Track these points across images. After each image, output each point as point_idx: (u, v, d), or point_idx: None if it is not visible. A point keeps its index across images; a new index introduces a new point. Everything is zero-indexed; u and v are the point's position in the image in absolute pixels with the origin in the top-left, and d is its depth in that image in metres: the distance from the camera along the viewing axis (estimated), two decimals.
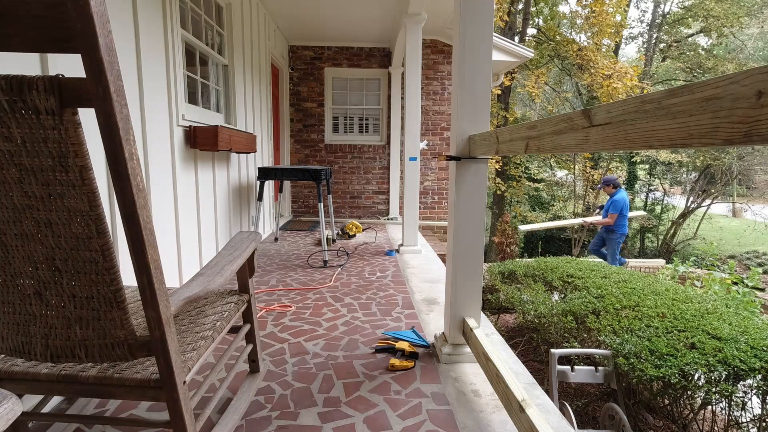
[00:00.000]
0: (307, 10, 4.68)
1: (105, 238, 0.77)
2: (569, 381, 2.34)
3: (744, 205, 15.49)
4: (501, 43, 5.41)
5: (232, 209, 3.50)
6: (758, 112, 0.45)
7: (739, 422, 2.15)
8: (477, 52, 1.65)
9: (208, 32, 3.21)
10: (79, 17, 0.62)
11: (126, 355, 0.87)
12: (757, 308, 3.80)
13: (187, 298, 0.96)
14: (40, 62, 1.42)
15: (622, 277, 3.44)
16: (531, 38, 13.74)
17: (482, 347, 1.54)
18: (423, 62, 5.29)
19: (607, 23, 9.86)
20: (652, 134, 0.62)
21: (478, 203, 1.74)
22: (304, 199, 6.36)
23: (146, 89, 2.07)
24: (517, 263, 4.33)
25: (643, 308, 2.64)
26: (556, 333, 2.84)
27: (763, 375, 2.01)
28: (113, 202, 1.80)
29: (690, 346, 2.20)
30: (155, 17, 2.20)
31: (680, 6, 15.63)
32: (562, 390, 2.87)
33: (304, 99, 6.20)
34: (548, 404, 1.51)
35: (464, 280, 1.78)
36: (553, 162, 14.28)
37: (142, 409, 1.43)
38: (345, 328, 2.17)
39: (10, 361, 0.99)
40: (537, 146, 1.03)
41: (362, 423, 1.38)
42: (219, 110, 3.45)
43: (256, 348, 1.56)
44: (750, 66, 1.81)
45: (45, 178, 0.73)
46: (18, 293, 0.84)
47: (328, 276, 3.11)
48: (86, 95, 0.67)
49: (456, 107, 1.72)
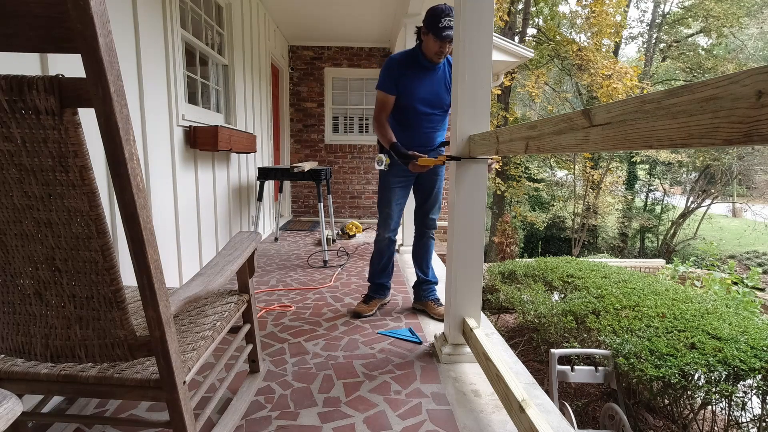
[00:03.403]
0: (307, 10, 4.68)
1: (105, 238, 0.77)
2: (569, 381, 2.34)
3: (744, 205, 15.49)
4: (501, 43, 5.41)
5: (232, 209, 3.50)
6: (758, 112, 0.45)
7: (739, 422, 2.16)
8: (477, 52, 1.65)
9: (208, 32, 3.21)
10: (79, 17, 0.62)
11: (126, 355, 0.87)
12: (757, 308, 3.80)
13: (187, 298, 0.96)
14: (40, 62, 1.42)
15: (622, 277, 3.44)
16: (531, 38, 13.74)
17: (482, 347, 1.54)
18: None
19: (607, 23, 9.87)
20: (652, 134, 0.62)
21: (478, 203, 1.74)
22: (304, 199, 6.36)
23: (146, 89, 2.07)
24: (517, 263, 4.34)
25: (643, 308, 2.64)
26: (556, 333, 2.84)
27: (763, 375, 2.01)
28: (113, 202, 1.80)
29: (690, 346, 2.20)
30: (155, 17, 2.20)
31: (680, 6, 15.64)
32: (562, 390, 2.87)
33: (304, 99, 6.20)
34: (548, 404, 1.51)
35: (464, 280, 1.78)
36: (553, 162, 14.28)
37: (142, 409, 1.43)
38: (345, 327, 2.17)
39: (10, 361, 0.99)
40: (537, 146, 1.03)
41: (362, 423, 1.38)
42: (219, 110, 3.45)
43: (256, 348, 1.56)
44: (750, 66, 1.81)
45: (45, 178, 0.73)
46: (18, 293, 0.84)
47: (328, 276, 3.11)
48: (86, 95, 0.67)
49: (456, 107, 1.72)
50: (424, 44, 2.12)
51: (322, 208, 3.72)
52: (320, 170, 3.71)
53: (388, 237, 2.35)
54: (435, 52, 2.08)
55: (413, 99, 2.20)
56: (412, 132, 2.27)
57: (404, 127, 2.27)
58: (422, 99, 2.21)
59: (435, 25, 2.01)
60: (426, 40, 2.09)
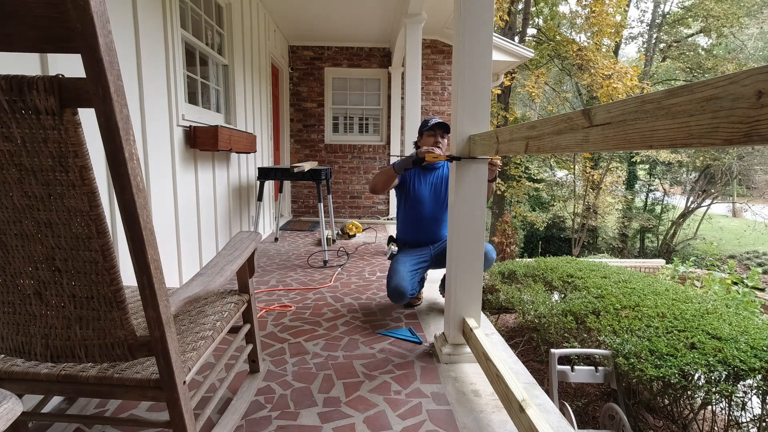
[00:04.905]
0: (307, 10, 4.68)
1: (105, 238, 0.77)
2: (569, 381, 2.34)
3: (744, 205, 15.50)
4: (501, 43, 5.41)
5: (232, 209, 3.51)
6: (758, 112, 0.45)
7: (739, 422, 2.15)
8: (477, 52, 1.65)
9: (208, 32, 3.21)
10: (79, 17, 0.62)
11: (126, 355, 0.87)
12: (757, 308, 3.80)
13: (187, 298, 0.96)
14: (40, 62, 1.42)
15: (622, 277, 3.44)
16: (531, 38, 13.74)
17: (482, 347, 1.54)
18: (423, 62, 5.30)
19: (607, 23, 9.87)
20: (652, 134, 0.62)
21: (478, 203, 1.74)
22: (304, 199, 6.36)
23: (146, 89, 2.07)
24: (517, 263, 4.34)
25: (643, 308, 2.64)
26: (556, 333, 2.84)
27: (763, 375, 2.01)
28: (113, 202, 1.80)
29: (690, 346, 2.20)
30: (155, 17, 2.20)
31: (680, 6, 15.64)
32: (562, 390, 2.87)
33: (304, 99, 6.20)
34: (548, 404, 1.51)
35: (464, 280, 1.78)
36: (553, 162, 14.28)
37: (142, 409, 1.43)
38: (345, 328, 2.17)
39: (10, 361, 0.99)
40: (537, 146, 1.03)
41: (362, 423, 1.38)
42: (219, 110, 3.45)
43: (256, 348, 1.56)
44: (750, 66, 1.81)
45: (45, 178, 0.73)
46: (18, 293, 0.84)
47: (328, 276, 3.11)
48: (86, 95, 0.67)
49: (456, 107, 1.72)
50: (422, 147, 2.35)
51: (322, 208, 3.72)
52: (320, 170, 3.71)
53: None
54: (431, 144, 2.34)
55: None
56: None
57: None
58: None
59: (423, 126, 2.41)
60: (422, 143, 2.40)
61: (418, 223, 2.50)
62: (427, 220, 2.48)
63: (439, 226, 2.52)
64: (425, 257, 2.46)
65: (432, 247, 2.50)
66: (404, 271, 2.29)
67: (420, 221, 2.49)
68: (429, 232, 2.51)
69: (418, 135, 2.47)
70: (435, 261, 2.48)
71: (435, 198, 2.48)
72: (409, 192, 2.49)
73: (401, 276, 2.25)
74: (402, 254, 2.46)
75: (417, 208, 2.47)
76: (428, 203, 2.47)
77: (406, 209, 2.52)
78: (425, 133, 2.39)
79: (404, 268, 2.31)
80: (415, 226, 2.51)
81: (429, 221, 2.49)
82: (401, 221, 2.58)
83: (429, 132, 2.37)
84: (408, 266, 2.33)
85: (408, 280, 2.25)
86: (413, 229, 2.52)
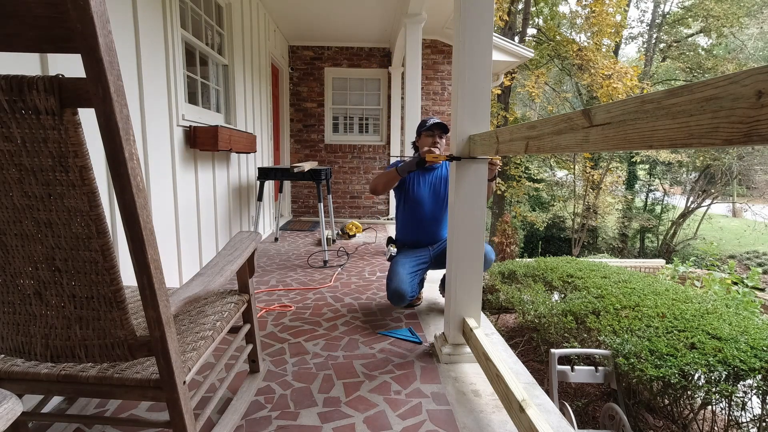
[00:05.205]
0: (307, 10, 4.68)
1: (105, 238, 0.77)
2: (569, 381, 2.34)
3: (744, 205, 15.50)
4: (501, 43, 5.41)
5: (232, 209, 3.50)
6: (758, 112, 0.45)
7: (739, 422, 2.15)
8: (477, 52, 1.65)
9: (208, 32, 3.21)
10: (79, 17, 0.62)
11: (126, 355, 0.87)
12: (757, 308, 3.80)
13: (187, 298, 0.96)
14: (40, 62, 1.42)
15: (622, 277, 3.44)
16: (531, 38, 13.74)
17: (482, 347, 1.54)
18: (423, 62, 5.29)
19: (607, 23, 9.87)
20: (652, 134, 0.62)
21: (478, 203, 1.74)
22: (304, 199, 6.36)
23: (146, 89, 2.07)
24: (517, 263, 4.34)
25: (643, 308, 2.64)
26: (556, 333, 2.84)
27: (763, 375, 2.01)
28: (113, 202, 1.80)
29: (690, 346, 2.20)
30: (155, 17, 2.20)
31: (680, 6, 15.64)
32: (562, 390, 2.87)
33: (304, 99, 6.20)
34: (548, 404, 1.51)
35: (464, 280, 1.78)
36: (553, 162, 14.28)
37: (142, 409, 1.43)
38: (345, 328, 2.17)
39: (10, 361, 0.99)
40: (537, 146, 1.03)
41: (362, 423, 1.38)
42: (219, 110, 3.45)
43: (256, 348, 1.56)
44: (750, 66, 1.81)
45: (45, 178, 0.73)
46: (18, 293, 0.84)
47: (328, 276, 3.11)
48: (86, 95, 0.67)
49: (456, 107, 1.72)
50: (420, 147, 2.43)
51: (322, 208, 3.72)
52: (320, 170, 3.71)
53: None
54: (429, 144, 2.37)
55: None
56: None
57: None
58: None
59: (420, 127, 2.43)
60: (420, 144, 2.43)
61: (418, 224, 2.50)
62: (427, 220, 2.48)
63: (438, 227, 2.52)
64: (424, 258, 2.46)
65: (431, 248, 2.50)
66: (404, 273, 2.29)
67: (420, 222, 2.49)
68: (428, 232, 2.51)
69: (416, 135, 2.48)
70: (434, 262, 2.48)
71: (434, 198, 2.48)
72: (408, 193, 2.48)
73: (401, 278, 2.25)
74: (401, 256, 2.45)
75: (417, 209, 2.47)
76: (428, 204, 2.47)
77: (405, 210, 2.52)
78: (423, 133, 2.39)
79: (404, 270, 2.31)
80: (414, 226, 2.51)
81: (428, 222, 2.49)
82: (401, 222, 2.58)
83: (427, 132, 2.37)
84: (407, 268, 2.33)
85: (408, 282, 2.25)
86: (413, 230, 2.52)
